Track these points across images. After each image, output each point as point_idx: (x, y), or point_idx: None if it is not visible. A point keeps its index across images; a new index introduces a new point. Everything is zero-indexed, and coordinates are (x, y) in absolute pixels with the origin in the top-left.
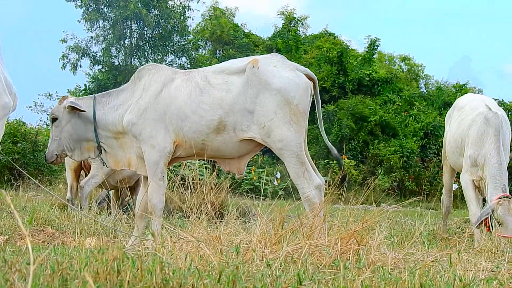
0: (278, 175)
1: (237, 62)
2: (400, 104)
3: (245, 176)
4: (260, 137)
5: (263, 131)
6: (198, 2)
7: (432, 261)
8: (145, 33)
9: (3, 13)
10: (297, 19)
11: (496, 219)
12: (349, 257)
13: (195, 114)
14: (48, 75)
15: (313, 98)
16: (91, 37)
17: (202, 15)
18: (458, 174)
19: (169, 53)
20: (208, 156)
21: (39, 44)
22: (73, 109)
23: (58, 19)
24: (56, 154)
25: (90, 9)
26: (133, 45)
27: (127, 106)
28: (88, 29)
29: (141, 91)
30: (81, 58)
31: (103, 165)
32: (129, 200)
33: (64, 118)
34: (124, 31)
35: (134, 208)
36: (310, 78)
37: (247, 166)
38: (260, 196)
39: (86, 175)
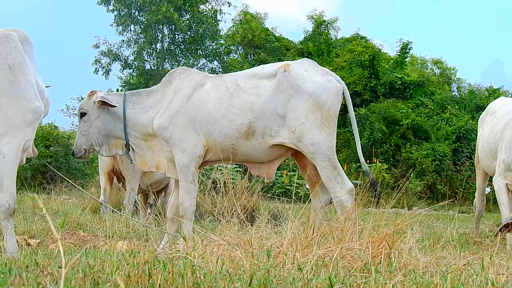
0: None
1: (268, 67)
2: (432, 107)
3: (277, 179)
4: (290, 142)
5: (293, 135)
6: (229, 6)
7: (464, 264)
8: (177, 37)
9: (37, 18)
10: (327, 22)
11: None
12: (381, 260)
13: (225, 118)
14: (80, 79)
15: (343, 102)
16: (123, 40)
17: (232, 19)
18: (491, 177)
19: (201, 57)
20: (238, 160)
21: (72, 48)
22: (103, 104)
23: (91, 23)
24: (84, 149)
25: (122, 14)
26: (165, 49)
27: (158, 109)
28: (120, 33)
29: (172, 95)
30: (112, 62)
31: (130, 162)
32: (154, 201)
33: (93, 113)
34: (156, 35)
35: (165, 211)
36: None
37: (279, 170)
38: (292, 199)
39: (118, 179)
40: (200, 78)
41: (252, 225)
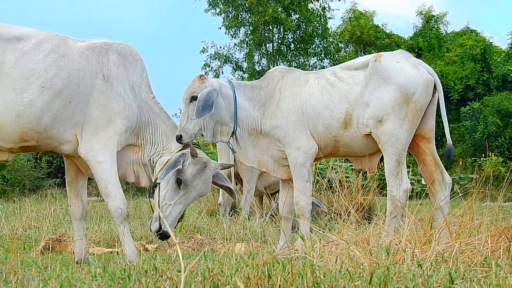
0: None
1: (363, 57)
2: None
3: None
4: (371, 130)
5: (378, 124)
6: (340, 0)
7: None
8: (286, 37)
9: (147, 27)
10: (436, 17)
11: None
12: (500, 254)
13: (327, 109)
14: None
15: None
16: (235, 44)
17: (341, 17)
18: None
19: (311, 55)
20: (341, 155)
21: (181, 52)
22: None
23: (198, 28)
24: (193, 134)
25: (229, 16)
26: (275, 49)
27: (263, 106)
28: (232, 36)
29: (279, 94)
30: (223, 65)
31: (232, 152)
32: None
33: None
34: (265, 36)
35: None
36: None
37: None
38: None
39: (235, 182)
40: (301, 75)
41: (369, 223)
